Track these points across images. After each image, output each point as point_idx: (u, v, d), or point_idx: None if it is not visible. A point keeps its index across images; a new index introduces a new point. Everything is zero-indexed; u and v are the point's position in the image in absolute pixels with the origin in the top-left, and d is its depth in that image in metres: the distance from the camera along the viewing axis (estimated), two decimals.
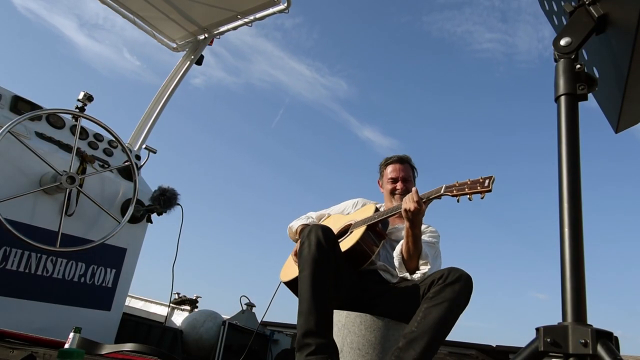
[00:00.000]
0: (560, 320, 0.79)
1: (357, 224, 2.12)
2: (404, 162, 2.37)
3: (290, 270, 2.17)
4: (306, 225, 2.38)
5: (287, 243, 2.48)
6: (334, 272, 1.76)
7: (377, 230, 2.09)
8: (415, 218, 1.87)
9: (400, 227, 2.28)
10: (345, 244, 2.02)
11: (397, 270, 2.04)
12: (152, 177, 3.17)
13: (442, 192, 1.82)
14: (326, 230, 1.79)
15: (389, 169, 2.35)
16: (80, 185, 2.54)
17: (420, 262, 2.00)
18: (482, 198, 1.68)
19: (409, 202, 1.86)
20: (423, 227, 2.18)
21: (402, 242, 2.02)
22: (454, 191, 1.76)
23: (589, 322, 0.77)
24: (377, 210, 2.17)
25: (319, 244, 1.72)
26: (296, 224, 2.41)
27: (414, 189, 1.91)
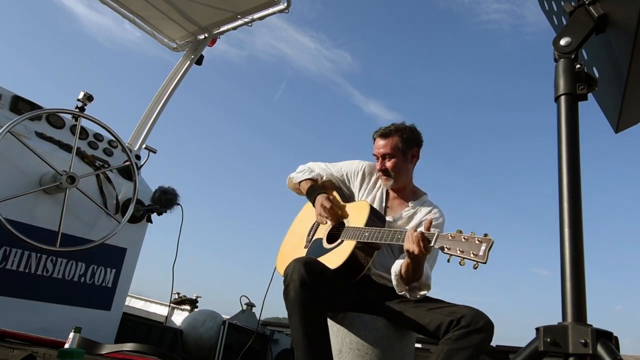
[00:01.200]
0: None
1: (348, 234, 1.96)
2: (385, 136, 2.12)
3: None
4: (311, 180, 2.30)
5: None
6: (326, 297, 1.72)
7: (370, 245, 1.94)
8: (419, 260, 1.71)
9: (400, 215, 2.12)
10: (336, 259, 1.91)
11: (394, 287, 1.90)
12: (152, 177, 3.17)
13: (433, 243, 1.60)
14: (309, 264, 1.70)
15: (374, 144, 2.17)
16: (100, 184, 2.54)
17: (420, 283, 1.85)
18: (475, 268, 1.45)
19: (412, 244, 1.64)
20: (428, 213, 2.07)
21: (401, 263, 1.85)
22: (445, 248, 1.55)
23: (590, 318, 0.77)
24: (372, 210, 2.01)
25: (303, 284, 1.64)
26: (298, 177, 2.33)
27: (419, 231, 1.64)
